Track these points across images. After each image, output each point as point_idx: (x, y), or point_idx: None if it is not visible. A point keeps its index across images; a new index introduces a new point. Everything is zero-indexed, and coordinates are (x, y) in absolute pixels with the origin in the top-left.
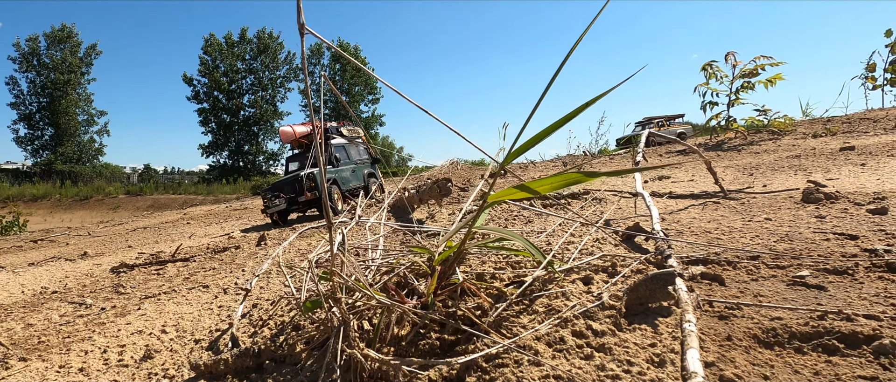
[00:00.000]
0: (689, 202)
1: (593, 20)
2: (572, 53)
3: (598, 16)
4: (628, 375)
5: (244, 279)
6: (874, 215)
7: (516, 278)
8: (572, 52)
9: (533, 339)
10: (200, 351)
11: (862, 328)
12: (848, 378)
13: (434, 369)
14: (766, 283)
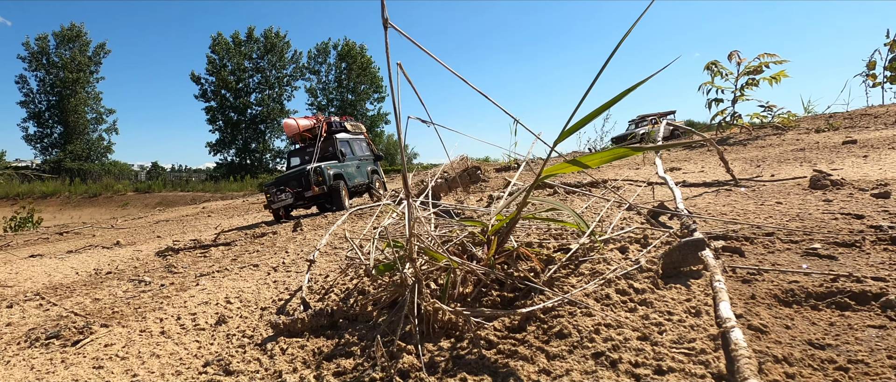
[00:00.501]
0: (703, 190)
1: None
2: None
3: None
4: (670, 322)
5: (290, 259)
6: (878, 198)
7: (560, 247)
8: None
9: (582, 296)
10: (271, 316)
11: (870, 288)
12: (860, 327)
13: (498, 320)
14: (781, 255)
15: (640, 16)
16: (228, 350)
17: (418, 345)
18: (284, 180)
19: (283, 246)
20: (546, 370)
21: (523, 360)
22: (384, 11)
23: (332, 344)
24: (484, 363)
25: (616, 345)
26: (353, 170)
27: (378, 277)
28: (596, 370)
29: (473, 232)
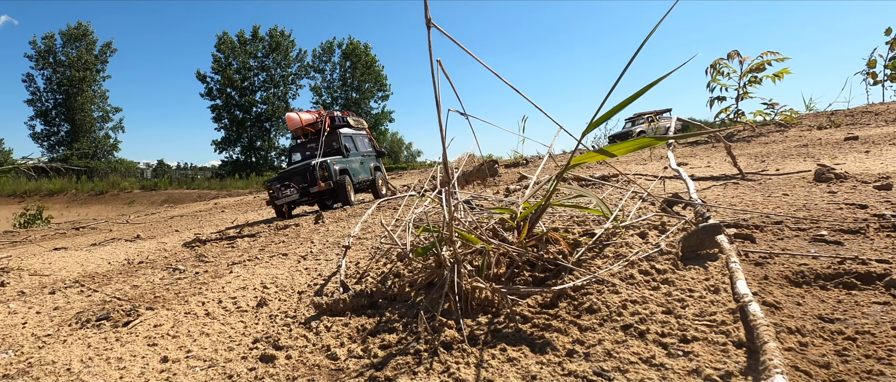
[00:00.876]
0: (711, 183)
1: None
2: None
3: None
4: (691, 298)
5: (317, 249)
6: (880, 190)
7: (585, 232)
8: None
9: (609, 275)
10: (309, 298)
11: (874, 269)
12: (865, 304)
13: (532, 297)
14: (790, 241)
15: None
16: (274, 328)
17: (458, 320)
18: (288, 175)
19: (307, 237)
20: (579, 340)
21: (557, 332)
22: (427, 12)
23: (375, 322)
24: (521, 335)
25: (643, 318)
26: (357, 165)
27: (411, 261)
28: (626, 340)
29: (503, 218)
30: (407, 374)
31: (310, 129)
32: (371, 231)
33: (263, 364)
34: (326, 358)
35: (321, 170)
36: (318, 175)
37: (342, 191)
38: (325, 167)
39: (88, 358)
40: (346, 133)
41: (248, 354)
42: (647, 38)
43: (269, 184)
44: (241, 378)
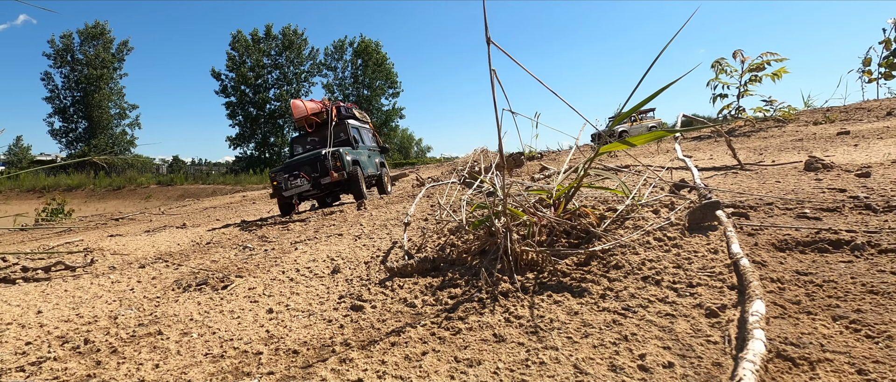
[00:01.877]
0: (712, 173)
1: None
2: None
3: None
4: (696, 257)
5: (367, 230)
6: (860, 177)
7: (608, 209)
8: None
9: (629, 241)
10: (378, 265)
11: (844, 237)
12: (834, 262)
13: (569, 258)
14: (778, 218)
15: (684, 24)
16: (353, 288)
17: (512, 275)
18: (297, 165)
19: (354, 220)
20: (609, 288)
21: (591, 282)
22: (487, 31)
23: (440, 280)
24: (562, 285)
25: (658, 271)
26: (365, 158)
27: (465, 233)
28: (645, 286)
29: (541, 197)
30: (475, 314)
31: (315, 120)
32: (414, 215)
33: (354, 312)
34: (406, 306)
35: (333, 160)
36: (330, 164)
37: (355, 183)
38: (337, 156)
39: (204, 312)
40: (353, 124)
41: (338, 306)
42: (665, 47)
43: (274, 173)
44: (339, 322)
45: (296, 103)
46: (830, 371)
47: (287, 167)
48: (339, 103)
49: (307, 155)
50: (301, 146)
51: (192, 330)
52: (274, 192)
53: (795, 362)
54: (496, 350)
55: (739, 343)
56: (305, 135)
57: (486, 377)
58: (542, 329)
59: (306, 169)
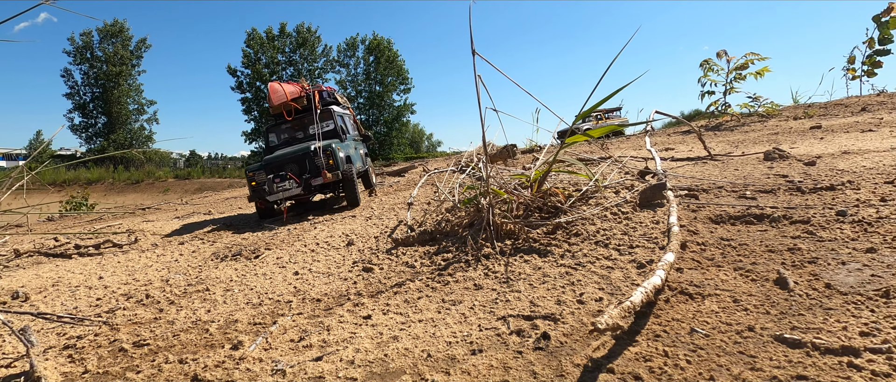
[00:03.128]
0: (686, 162)
1: (629, 40)
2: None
3: (632, 36)
4: (641, 227)
5: (376, 213)
6: (806, 166)
7: (575, 190)
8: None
9: (590, 215)
10: (385, 239)
11: (768, 213)
12: (753, 231)
13: (539, 228)
14: (722, 198)
15: (628, 41)
16: (365, 255)
17: (492, 242)
18: (280, 163)
19: (366, 205)
20: (569, 250)
21: (555, 246)
22: (472, 44)
23: (436, 248)
24: (532, 248)
25: (608, 237)
26: (353, 152)
27: (458, 210)
28: (596, 248)
29: (521, 181)
30: (461, 271)
31: (294, 105)
32: (416, 199)
33: (365, 272)
34: (407, 267)
35: (326, 157)
36: (322, 162)
37: (349, 185)
38: (330, 153)
39: (241, 275)
40: (338, 111)
41: (352, 269)
42: (616, 57)
43: (253, 172)
44: (353, 280)
45: (275, 87)
46: (715, 300)
47: (269, 165)
48: (321, 87)
49: (293, 150)
50: (278, 137)
51: (233, 287)
52: (253, 195)
53: (692, 296)
54: (474, 294)
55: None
56: (282, 124)
57: (464, 310)
58: (512, 280)
59: (293, 168)
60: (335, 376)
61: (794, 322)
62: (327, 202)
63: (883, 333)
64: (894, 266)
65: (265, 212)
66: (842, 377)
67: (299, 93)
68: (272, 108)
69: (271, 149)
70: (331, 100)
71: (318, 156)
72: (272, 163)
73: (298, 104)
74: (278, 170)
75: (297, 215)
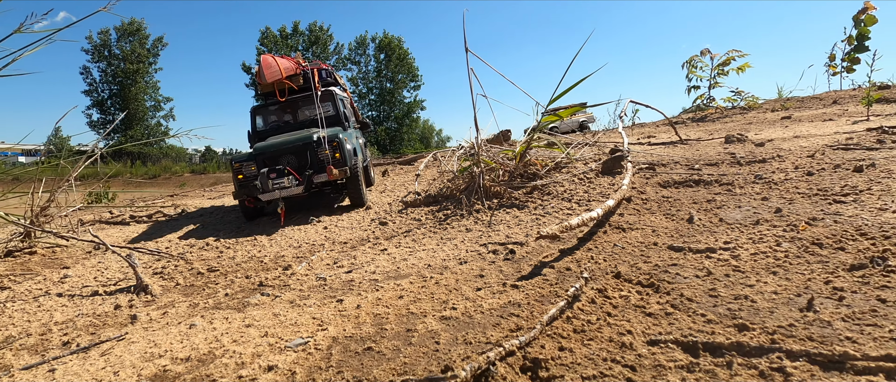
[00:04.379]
0: (660, 146)
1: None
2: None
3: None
4: (599, 188)
5: (389, 188)
6: (756, 147)
7: (552, 161)
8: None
9: (561, 180)
10: (396, 204)
11: (704, 178)
12: (689, 191)
13: (519, 190)
14: (675, 170)
15: (582, 45)
16: (380, 215)
17: (482, 200)
18: (276, 154)
19: (379, 182)
20: (541, 205)
21: (531, 203)
22: (465, 42)
23: (437, 207)
24: (512, 204)
25: (572, 195)
26: (356, 143)
27: (456, 178)
28: (562, 204)
29: (507, 155)
30: (456, 221)
31: (288, 84)
32: (422, 175)
33: (381, 226)
34: (414, 221)
35: (332, 150)
36: (326, 156)
37: (355, 185)
38: (337, 144)
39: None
40: (338, 95)
41: (370, 225)
42: (576, 55)
43: (240, 163)
44: (371, 230)
45: (268, 60)
46: (639, 231)
47: (262, 154)
48: (320, 64)
49: (292, 139)
50: (266, 120)
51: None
52: (239, 191)
53: (624, 229)
54: (465, 234)
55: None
56: (273, 105)
57: (456, 243)
58: (494, 224)
59: (292, 160)
60: (361, 279)
61: (685, 239)
62: (324, 200)
63: (735, 242)
64: (773, 208)
65: (252, 212)
66: (698, 264)
67: (295, 70)
68: (262, 86)
69: (260, 134)
70: (330, 81)
71: (323, 148)
72: (266, 152)
73: (294, 83)
74: (274, 161)
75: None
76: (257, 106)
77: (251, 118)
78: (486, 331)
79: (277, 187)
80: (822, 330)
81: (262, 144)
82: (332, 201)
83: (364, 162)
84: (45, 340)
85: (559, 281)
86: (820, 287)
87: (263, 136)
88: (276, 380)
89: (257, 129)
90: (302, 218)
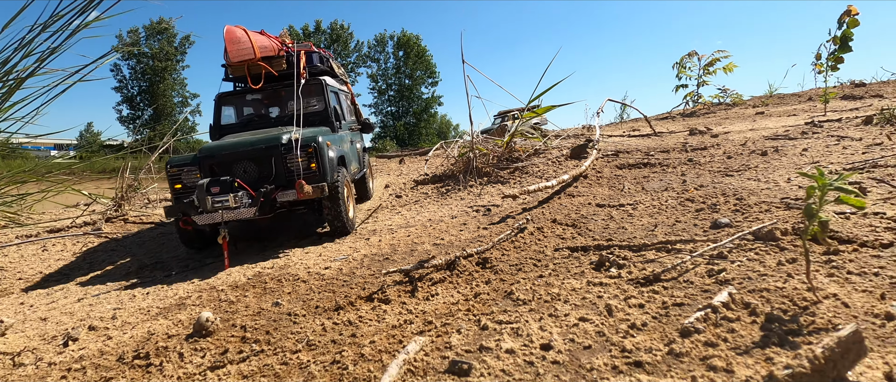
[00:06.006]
0: (637, 137)
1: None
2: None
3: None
4: (567, 167)
5: (405, 172)
6: (711, 138)
7: (532, 149)
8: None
9: (538, 163)
10: (410, 182)
11: (657, 162)
12: (636, 170)
13: (504, 170)
14: (633, 155)
15: (552, 60)
16: (396, 190)
17: (475, 178)
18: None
19: (396, 169)
20: (519, 181)
21: (512, 180)
22: (462, 53)
23: (441, 184)
24: (498, 181)
25: (543, 173)
26: (348, 149)
27: (457, 162)
28: (537, 180)
29: (498, 143)
30: (454, 194)
31: (265, 67)
32: (431, 160)
33: (397, 198)
34: (422, 195)
35: (306, 156)
36: (298, 165)
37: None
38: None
39: None
40: (332, 87)
41: (387, 198)
42: (552, 61)
43: (177, 167)
44: (389, 201)
45: (235, 34)
46: (583, 197)
47: (208, 158)
48: (311, 46)
49: (252, 139)
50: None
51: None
52: (171, 208)
53: (573, 195)
54: (458, 202)
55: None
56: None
57: (451, 206)
58: (481, 195)
59: (249, 169)
60: (382, 228)
61: (610, 201)
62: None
63: (640, 201)
64: (682, 180)
65: (195, 239)
66: (608, 213)
67: (275, 51)
68: (231, 68)
69: (223, 130)
70: (323, 69)
71: (293, 154)
72: (214, 155)
73: (273, 67)
74: (226, 169)
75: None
76: (224, 93)
77: (215, 108)
78: (461, 249)
79: (220, 205)
80: (648, 238)
81: (212, 144)
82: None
83: (361, 171)
84: None
85: (514, 224)
86: (665, 221)
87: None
88: (331, 271)
89: (222, 124)
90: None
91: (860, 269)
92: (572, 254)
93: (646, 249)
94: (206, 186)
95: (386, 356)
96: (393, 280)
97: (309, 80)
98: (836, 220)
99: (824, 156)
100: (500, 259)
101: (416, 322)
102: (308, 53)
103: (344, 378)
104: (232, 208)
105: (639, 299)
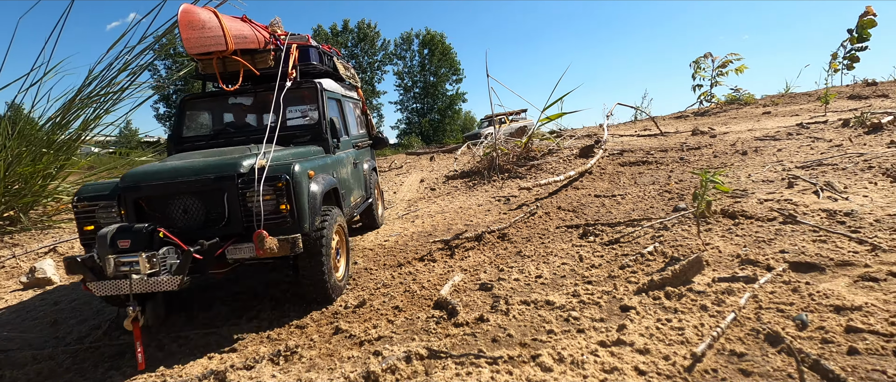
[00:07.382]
0: (644, 137)
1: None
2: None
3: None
4: (576, 165)
5: (436, 167)
6: (711, 138)
7: (546, 149)
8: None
9: (550, 161)
10: (441, 177)
11: (654, 160)
12: (635, 167)
13: (522, 167)
14: (635, 154)
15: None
16: (430, 184)
17: (497, 174)
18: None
19: (428, 165)
20: (534, 176)
21: (529, 175)
22: (487, 67)
23: (468, 179)
24: (517, 176)
25: (555, 169)
26: (349, 173)
27: (482, 160)
28: (550, 175)
29: (517, 144)
30: (480, 187)
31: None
32: (459, 157)
33: (430, 191)
34: (453, 188)
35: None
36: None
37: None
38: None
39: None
40: (333, 93)
41: (423, 190)
42: (562, 76)
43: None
44: (423, 193)
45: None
46: (586, 188)
47: (132, 191)
48: (309, 39)
49: (195, 165)
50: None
51: None
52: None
53: (578, 188)
54: (483, 193)
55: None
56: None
57: (478, 197)
58: (503, 188)
59: (189, 210)
60: (423, 214)
61: (607, 192)
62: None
63: (629, 192)
64: (672, 177)
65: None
66: (601, 202)
67: (259, 44)
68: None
69: (182, 143)
70: (323, 69)
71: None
72: (140, 187)
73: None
74: (159, 206)
75: None
76: (191, 96)
77: (176, 112)
78: (486, 227)
79: (127, 268)
80: (624, 218)
81: (141, 170)
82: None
83: (366, 199)
84: None
85: (527, 210)
86: (643, 206)
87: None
88: (390, 242)
89: (184, 136)
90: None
91: (744, 233)
92: (568, 230)
93: (618, 225)
94: (109, 238)
95: (438, 286)
96: (436, 247)
97: (300, 83)
98: (752, 203)
99: (791, 155)
100: (515, 234)
101: (456, 270)
102: (302, 48)
103: (415, 297)
104: (146, 275)
105: (601, 252)
